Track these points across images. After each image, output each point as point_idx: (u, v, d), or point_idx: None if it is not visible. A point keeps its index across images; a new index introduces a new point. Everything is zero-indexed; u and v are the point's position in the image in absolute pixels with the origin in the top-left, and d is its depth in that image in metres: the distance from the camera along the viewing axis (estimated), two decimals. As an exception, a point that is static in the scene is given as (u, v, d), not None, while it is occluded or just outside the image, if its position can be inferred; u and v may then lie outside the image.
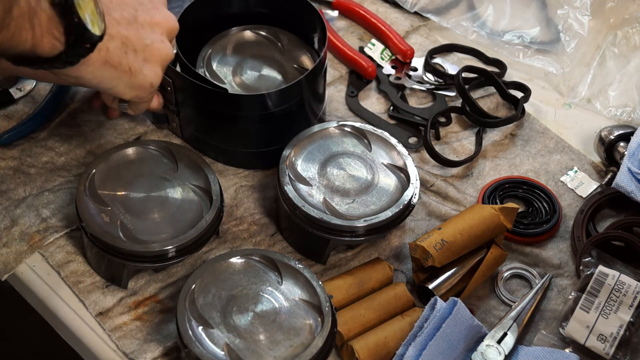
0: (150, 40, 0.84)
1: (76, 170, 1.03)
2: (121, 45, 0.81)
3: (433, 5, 1.28)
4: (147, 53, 0.84)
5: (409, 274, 0.99)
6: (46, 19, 0.70)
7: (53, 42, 0.72)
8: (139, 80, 0.84)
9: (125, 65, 0.81)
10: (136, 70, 0.83)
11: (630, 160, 1.06)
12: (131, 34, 0.82)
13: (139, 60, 0.83)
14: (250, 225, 1.02)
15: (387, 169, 1.00)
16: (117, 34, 0.80)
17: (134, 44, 0.82)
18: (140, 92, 0.85)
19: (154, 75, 0.85)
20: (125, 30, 0.81)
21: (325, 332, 0.85)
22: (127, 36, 0.81)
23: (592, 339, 0.92)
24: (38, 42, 0.71)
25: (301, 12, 1.08)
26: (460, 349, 0.90)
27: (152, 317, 0.93)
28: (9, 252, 0.95)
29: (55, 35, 0.71)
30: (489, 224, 0.96)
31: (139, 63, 0.83)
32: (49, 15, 0.70)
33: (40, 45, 0.71)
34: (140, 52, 0.83)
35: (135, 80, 0.83)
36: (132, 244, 0.90)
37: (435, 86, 1.19)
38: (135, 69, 0.83)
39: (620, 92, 1.20)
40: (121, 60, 0.81)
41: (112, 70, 0.80)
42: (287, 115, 1.02)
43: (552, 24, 1.26)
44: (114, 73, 0.81)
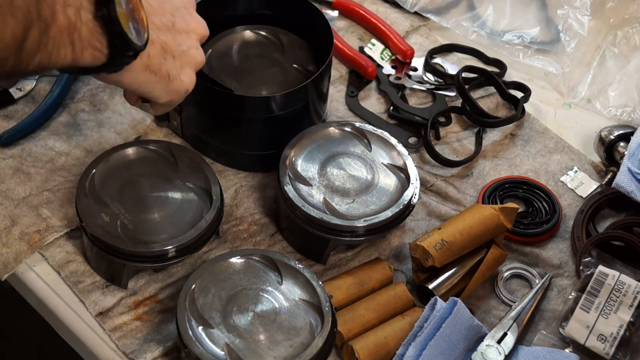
0: (186, 46, 0.84)
1: (76, 170, 1.03)
2: (161, 51, 0.81)
3: (433, 5, 1.28)
4: (184, 59, 0.84)
5: (409, 274, 0.99)
6: (87, 32, 0.70)
7: (95, 54, 0.72)
8: (176, 85, 0.84)
9: (165, 71, 0.82)
10: (174, 76, 0.83)
11: (630, 160, 1.06)
12: (170, 40, 0.82)
13: (177, 66, 0.83)
14: (250, 225, 1.02)
15: (387, 169, 1.00)
16: (157, 39, 0.80)
17: (173, 50, 0.82)
18: (175, 97, 0.86)
19: (190, 81, 0.86)
20: (165, 36, 0.81)
21: (325, 332, 0.85)
22: (166, 42, 0.81)
23: (592, 339, 0.92)
24: (78, 56, 0.71)
25: (305, 15, 1.08)
26: (460, 349, 0.90)
27: (152, 317, 0.93)
28: (9, 252, 0.95)
29: (97, 47, 0.71)
30: (489, 224, 0.96)
31: (176, 69, 0.83)
32: (91, 28, 0.70)
33: (81, 58, 0.71)
34: (178, 58, 0.83)
35: (173, 85, 0.84)
36: (132, 244, 0.90)
37: (435, 86, 1.19)
38: (173, 75, 0.83)
39: (620, 92, 1.20)
40: (161, 66, 0.81)
41: (152, 76, 0.80)
42: (292, 118, 1.02)
43: (552, 24, 1.26)
44: (153, 78, 0.81)
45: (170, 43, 0.82)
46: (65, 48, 0.69)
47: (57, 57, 0.69)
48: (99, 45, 0.71)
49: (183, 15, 0.85)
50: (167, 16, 0.83)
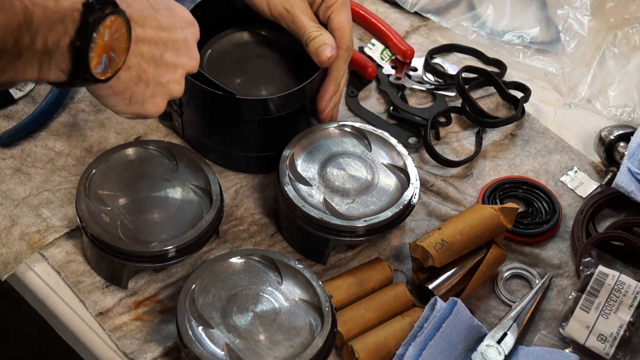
0: (166, 79, 0.84)
1: (76, 170, 1.03)
2: (135, 77, 0.81)
3: (433, 5, 1.28)
4: (157, 90, 0.84)
5: (409, 274, 0.99)
6: (59, 57, 0.71)
7: (59, 74, 0.73)
8: (136, 109, 0.84)
9: (129, 93, 0.82)
10: (137, 100, 0.83)
11: (630, 160, 1.06)
12: (151, 69, 0.82)
13: (147, 94, 0.83)
14: (250, 225, 1.02)
15: (387, 169, 1.00)
16: (137, 65, 0.80)
17: (149, 78, 0.82)
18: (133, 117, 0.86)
19: (154, 110, 0.85)
20: (147, 64, 0.81)
21: (325, 332, 0.85)
22: (145, 71, 0.82)
23: (592, 339, 0.92)
24: (44, 75, 0.72)
25: None
26: (460, 349, 0.90)
27: (152, 317, 0.93)
28: (9, 252, 0.95)
29: (62, 69, 0.72)
30: (488, 224, 0.96)
31: (144, 96, 0.83)
32: (63, 53, 0.71)
33: (46, 76, 0.72)
34: (151, 87, 0.83)
35: (133, 108, 0.84)
36: (132, 244, 0.90)
37: (435, 86, 1.19)
38: (136, 100, 0.83)
39: (620, 92, 1.20)
40: (127, 89, 0.81)
41: (113, 96, 0.81)
42: (290, 119, 1.02)
43: (552, 24, 1.26)
44: (114, 98, 0.82)
45: (150, 72, 0.82)
46: (32, 68, 0.70)
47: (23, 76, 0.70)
48: (64, 67, 0.72)
49: (176, 48, 0.85)
50: (159, 47, 0.82)
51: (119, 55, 0.76)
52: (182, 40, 0.85)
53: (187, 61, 0.86)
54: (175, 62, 0.84)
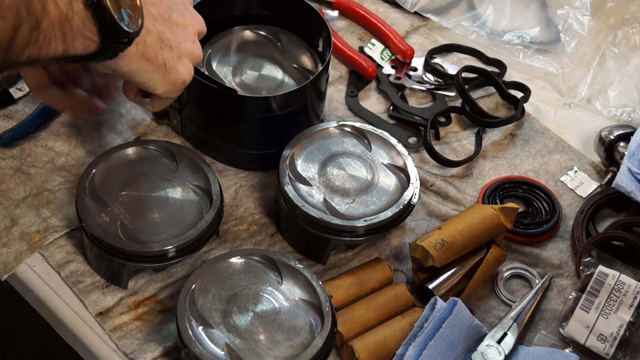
0: (183, 38, 0.85)
1: (76, 170, 1.03)
2: (157, 40, 0.81)
3: (433, 5, 1.28)
4: (180, 50, 0.84)
5: (409, 274, 0.99)
6: (79, 22, 0.70)
7: (86, 43, 0.72)
8: (173, 76, 0.84)
9: (161, 60, 0.82)
10: (171, 66, 0.83)
11: (630, 160, 1.06)
12: (166, 31, 0.82)
13: (174, 56, 0.83)
14: (250, 225, 1.02)
15: (387, 169, 1.00)
16: (154, 28, 0.81)
17: (169, 40, 0.83)
18: (172, 88, 0.86)
19: (187, 73, 0.86)
20: (161, 26, 0.82)
21: (325, 332, 0.85)
22: (162, 32, 0.82)
23: (592, 339, 0.92)
24: (70, 47, 0.71)
25: (303, 15, 1.08)
26: (460, 349, 0.90)
27: (152, 317, 0.93)
28: (9, 252, 0.95)
29: (88, 37, 0.71)
30: (489, 224, 0.96)
31: (173, 59, 0.83)
32: (82, 18, 0.70)
33: (72, 48, 0.71)
34: (175, 49, 0.83)
35: (170, 76, 0.84)
36: (132, 244, 0.90)
37: (435, 86, 1.19)
38: (170, 65, 0.83)
39: (620, 92, 1.20)
40: (157, 55, 0.81)
41: (148, 64, 0.80)
42: (291, 117, 1.02)
43: (552, 24, 1.26)
44: (150, 67, 0.81)
45: (166, 33, 0.82)
46: (55, 40, 0.69)
47: (48, 49, 0.69)
48: (90, 34, 0.71)
49: (180, 9, 0.86)
50: (164, 8, 0.83)
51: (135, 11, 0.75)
52: (180, 3, 0.86)
53: (193, 20, 0.87)
54: (183, 22, 0.85)
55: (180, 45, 0.84)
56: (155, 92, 0.85)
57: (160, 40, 0.81)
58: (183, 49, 0.85)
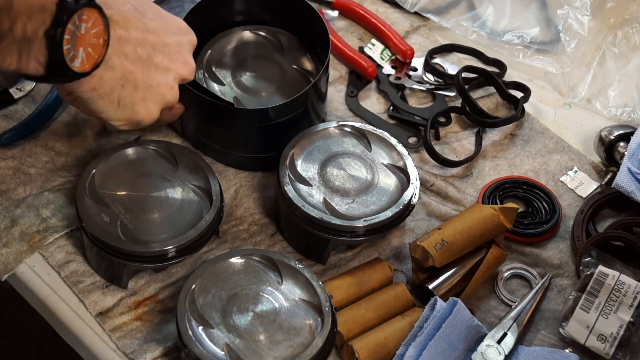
0: (157, 82, 0.85)
1: (76, 170, 1.03)
2: (120, 79, 0.82)
3: (433, 5, 1.28)
4: (148, 93, 0.85)
5: (409, 274, 0.99)
6: (37, 47, 0.73)
7: (37, 66, 0.74)
8: (127, 114, 0.85)
9: (115, 97, 0.83)
10: (126, 104, 0.84)
11: (630, 160, 1.06)
12: (137, 70, 0.83)
13: (136, 97, 0.84)
14: (250, 225, 1.02)
15: (387, 169, 1.00)
16: (121, 66, 0.81)
17: (137, 80, 0.83)
18: (126, 123, 0.87)
19: (146, 115, 0.86)
20: (133, 65, 0.82)
21: (325, 332, 0.85)
22: (131, 71, 0.82)
23: (592, 339, 0.92)
24: (23, 66, 0.73)
25: (303, 16, 1.08)
26: (460, 349, 0.90)
27: (152, 317, 0.93)
28: (9, 252, 0.95)
29: (40, 61, 0.74)
30: (489, 224, 0.96)
31: (133, 99, 0.84)
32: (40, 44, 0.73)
33: (25, 68, 0.74)
34: (140, 90, 0.84)
35: (122, 113, 0.85)
36: (132, 244, 0.90)
37: (435, 86, 1.19)
38: (125, 103, 0.84)
39: (620, 92, 1.20)
40: (113, 91, 0.82)
41: (100, 98, 0.82)
42: (292, 122, 1.02)
43: (552, 24, 1.26)
44: (102, 101, 0.82)
45: (136, 74, 0.83)
46: (11, 57, 0.72)
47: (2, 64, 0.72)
48: (41, 58, 0.74)
49: (169, 52, 0.86)
50: (146, 49, 0.83)
51: (97, 51, 0.77)
52: (174, 44, 0.86)
53: (181, 66, 0.87)
54: (166, 66, 0.85)
55: (151, 88, 0.85)
56: (109, 122, 0.86)
57: (124, 79, 0.82)
58: (152, 92, 0.85)
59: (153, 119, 0.87)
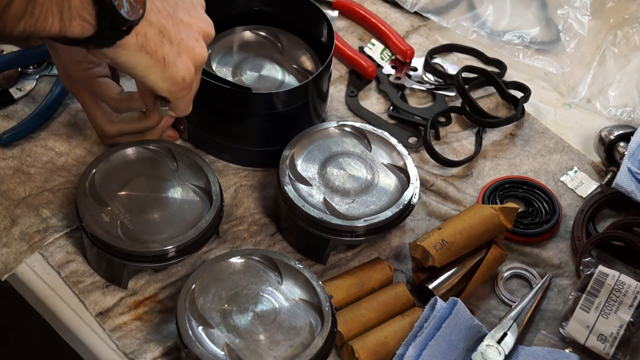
0: (186, 35, 0.83)
1: (76, 170, 1.03)
2: (158, 34, 0.80)
3: (433, 5, 1.28)
4: (181, 47, 0.83)
5: (409, 274, 0.99)
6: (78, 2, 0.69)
7: (83, 25, 0.70)
8: (172, 72, 0.83)
9: (160, 54, 0.80)
10: (170, 61, 0.82)
11: (630, 160, 1.06)
12: (169, 25, 0.81)
13: (174, 52, 0.82)
14: (250, 225, 1.02)
15: (387, 169, 1.00)
16: (157, 21, 0.79)
17: (171, 35, 0.81)
18: (173, 85, 0.84)
19: (186, 70, 0.84)
20: (165, 20, 0.81)
21: (325, 332, 0.85)
22: (165, 26, 0.81)
23: (592, 339, 0.92)
24: (66, 27, 0.69)
25: (306, 13, 1.08)
26: (460, 349, 0.90)
27: (152, 317, 0.93)
28: (9, 252, 0.95)
29: (86, 19, 0.70)
30: (488, 224, 0.96)
31: (173, 55, 0.82)
32: None
33: (69, 28, 0.70)
34: (175, 45, 0.82)
35: (169, 71, 0.82)
36: (132, 244, 0.90)
37: (435, 86, 1.19)
38: (169, 60, 0.82)
39: (620, 92, 1.20)
40: (157, 48, 0.80)
41: (147, 57, 0.79)
42: (293, 115, 1.02)
43: (552, 24, 1.26)
44: (148, 60, 0.80)
45: (169, 28, 0.81)
46: (52, 16, 0.68)
47: (44, 25, 0.68)
48: (87, 16, 0.70)
49: (187, 8, 0.85)
50: (170, 3, 0.82)
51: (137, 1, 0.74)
52: (189, 2, 0.85)
53: (199, 21, 0.86)
54: (189, 21, 0.84)
55: (182, 41, 0.83)
56: (156, 89, 0.84)
57: (161, 34, 0.80)
58: (184, 46, 0.83)
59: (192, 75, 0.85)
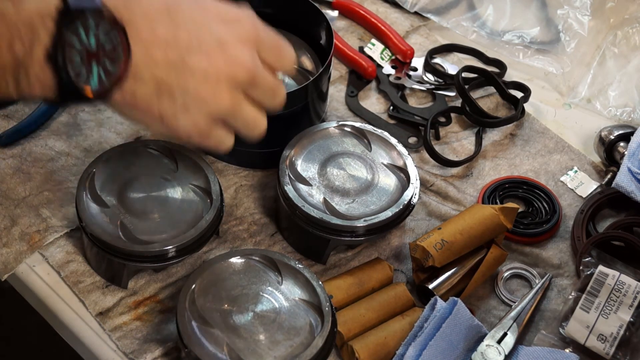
0: (194, 87, 0.72)
1: (76, 170, 1.03)
2: (154, 89, 0.70)
3: (433, 5, 1.28)
4: (188, 99, 0.72)
5: (409, 274, 0.99)
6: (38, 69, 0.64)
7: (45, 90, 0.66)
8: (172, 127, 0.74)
9: (156, 111, 0.72)
10: (169, 117, 0.72)
11: (630, 160, 1.06)
12: (171, 78, 0.71)
13: (176, 107, 0.72)
14: (250, 225, 1.02)
15: (387, 169, 1.00)
16: (151, 77, 0.70)
17: (172, 88, 0.71)
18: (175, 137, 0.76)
19: (192, 126, 0.74)
20: (165, 72, 0.70)
21: (325, 332, 0.85)
22: (164, 80, 0.71)
23: (592, 339, 0.92)
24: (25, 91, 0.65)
25: (306, 13, 1.08)
26: (460, 349, 0.90)
27: (152, 317, 0.93)
28: (9, 252, 0.95)
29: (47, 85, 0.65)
30: (489, 224, 0.96)
31: (174, 110, 0.72)
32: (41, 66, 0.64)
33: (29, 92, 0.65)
34: (178, 98, 0.72)
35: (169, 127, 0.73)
36: (132, 244, 0.90)
37: (435, 86, 1.19)
38: (167, 116, 0.72)
39: (620, 92, 1.20)
40: (151, 105, 0.71)
41: (140, 113, 0.72)
42: (293, 116, 1.02)
43: (552, 24, 1.26)
44: (143, 116, 0.72)
45: (170, 81, 0.71)
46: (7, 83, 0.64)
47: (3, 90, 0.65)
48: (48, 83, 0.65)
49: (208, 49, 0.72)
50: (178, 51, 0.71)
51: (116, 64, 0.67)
52: (213, 40, 0.73)
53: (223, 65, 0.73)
54: (206, 67, 0.72)
55: (188, 94, 0.72)
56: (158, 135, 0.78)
57: (158, 89, 0.71)
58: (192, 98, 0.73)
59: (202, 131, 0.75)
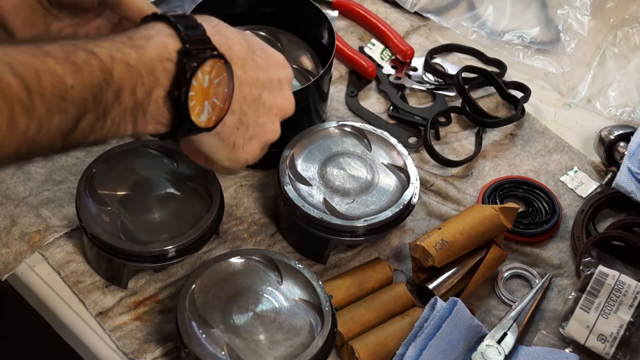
0: (263, 120, 0.81)
1: (76, 170, 1.03)
2: (237, 121, 0.79)
3: (433, 5, 1.28)
4: (256, 131, 0.81)
5: (409, 274, 0.99)
6: (154, 108, 0.69)
7: (158, 127, 0.71)
8: (238, 155, 0.82)
9: (232, 139, 0.79)
10: (239, 145, 0.81)
11: (630, 160, 1.06)
12: (251, 111, 0.80)
13: (246, 136, 0.81)
14: (250, 225, 1.02)
15: (387, 169, 1.00)
16: (239, 110, 0.78)
17: (249, 120, 0.80)
18: (234, 165, 0.83)
19: (251, 154, 0.83)
20: (247, 107, 0.79)
21: (325, 332, 0.85)
22: (246, 113, 0.79)
23: (592, 339, 0.92)
24: (140, 130, 0.70)
25: (306, 13, 1.08)
26: (461, 349, 0.90)
27: (152, 317, 0.93)
28: (9, 252, 0.95)
29: (160, 122, 0.70)
30: (489, 224, 0.96)
31: (244, 139, 0.81)
32: (159, 105, 0.69)
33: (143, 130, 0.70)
34: (251, 129, 0.81)
35: (235, 154, 0.81)
36: (132, 244, 0.90)
37: (435, 86, 1.19)
38: (238, 145, 0.80)
39: (620, 92, 1.20)
40: (231, 135, 0.79)
41: (218, 141, 0.79)
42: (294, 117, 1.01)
43: (552, 24, 1.26)
44: (219, 144, 0.79)
45: (249, 115, 0.80)
46: (125, 124, 0.68)
47: (116, 132, 0.68)
48: (163, 120, 0.70)
49: (273, 89, 0.82)
50: (257, 88, 0.80)
51: (222, 100, 0.74)
52: (276, 81, 0.83)
53: (281, 101, 0.83)
54: (271, 103, 0.82)
55: (259, 126, 0.81)
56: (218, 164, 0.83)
57: (240, 121, 0.79)
58: (259, 130, 0.82)
59: (254, 159, 0.84)
